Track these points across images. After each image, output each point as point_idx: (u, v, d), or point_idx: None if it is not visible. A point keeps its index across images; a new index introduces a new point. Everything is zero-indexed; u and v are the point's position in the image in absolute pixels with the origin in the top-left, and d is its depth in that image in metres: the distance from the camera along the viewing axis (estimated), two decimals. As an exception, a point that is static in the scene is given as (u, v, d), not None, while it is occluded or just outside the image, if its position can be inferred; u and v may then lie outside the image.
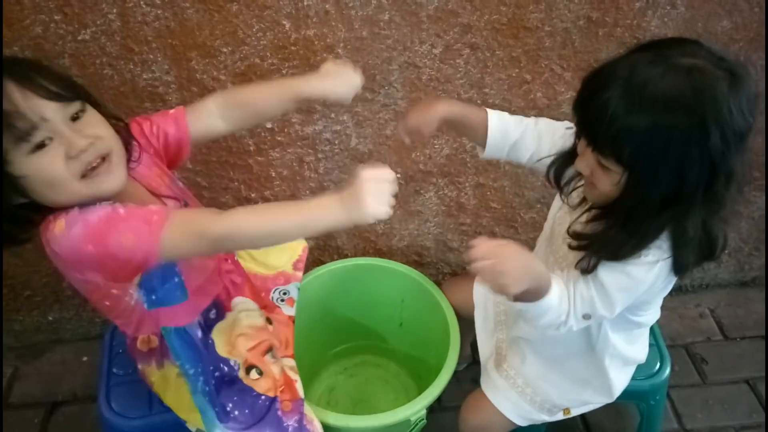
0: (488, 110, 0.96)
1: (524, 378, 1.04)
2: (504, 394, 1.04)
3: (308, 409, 0.96)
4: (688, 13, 1.12)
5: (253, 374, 0.93)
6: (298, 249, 1.13)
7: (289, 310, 1.04)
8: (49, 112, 0.69)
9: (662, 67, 0.69)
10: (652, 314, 0.95)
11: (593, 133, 0.74)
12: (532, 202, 1.40)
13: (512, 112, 1.21)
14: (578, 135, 0.80)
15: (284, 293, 1.07)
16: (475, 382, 1.41)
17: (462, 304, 1.17)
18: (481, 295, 1.13)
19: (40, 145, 0.68)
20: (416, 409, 1.00)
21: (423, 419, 1.03)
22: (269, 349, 0.96)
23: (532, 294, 0.79)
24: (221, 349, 0.93)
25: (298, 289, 1.09)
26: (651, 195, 0.74)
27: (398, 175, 1.31)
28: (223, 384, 0.91)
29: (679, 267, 0.79)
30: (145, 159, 0.83)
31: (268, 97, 0.89)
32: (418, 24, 1.09)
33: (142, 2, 1.01)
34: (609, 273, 0.81)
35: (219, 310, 0.95)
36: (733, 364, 1.47)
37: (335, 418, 0.99)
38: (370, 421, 0.99)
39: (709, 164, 0.70)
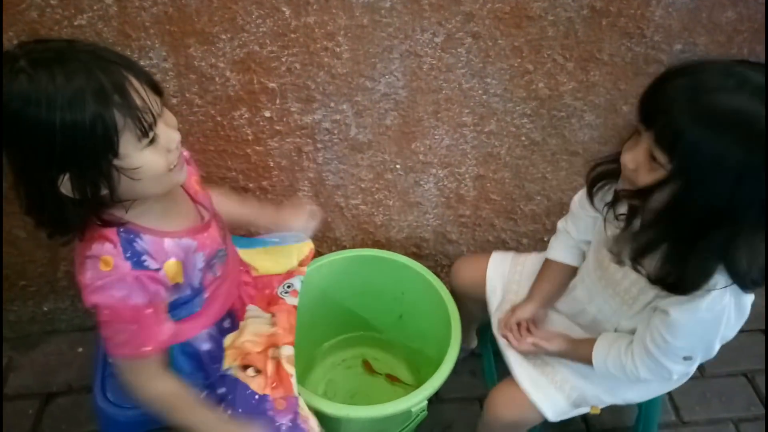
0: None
1: (563, 375, 1.02)
2: (544, 390, 1.01)
3: (303, 407, 0.94)
4: (692, 3, 1.11)
5: (250, 372, 0.94)
6: (305, 249, 1.13)
7: (292, 300, 1.04)
8: (157, 106, 0.71)
9: (737, 80, 0.69)
10: None
11: (655, 118, 0.73)
12: (532, 194, 1.39)
13: (514, 103, 1.22)
14: (637, 127, 0.78)
15: (288, 286, 1.07)
16: (474, 375, 1.42)
17: (472, 284, 1.17)
18: (497, 280, 1.15)
19: (153, 139, 0.71)
20: (417, 399, 0.99)
21: (424, 410, 1.02)
22: (269, 347, 0.97)
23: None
24: (227, 361, 0.93)
25: (302, 281, 1.09)
26: (699, 204, 0.72)
27: (398, 166, 1.30)
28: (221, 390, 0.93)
29: (745, 287, 0.78)
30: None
31: (237, 215, 1.06)
32: (419, 12, 1.07)
33: (139, -13, 0.99)
34: (684, 314, 0.82)
35: (233, 320, 0.97)
36: (732, 357, 1.47)
37: (336, 409, 0.98)
38: (371, 412, 0.98)
39: (762, 183, 0.69)
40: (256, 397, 0.91)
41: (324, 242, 1.42)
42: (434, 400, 1.34)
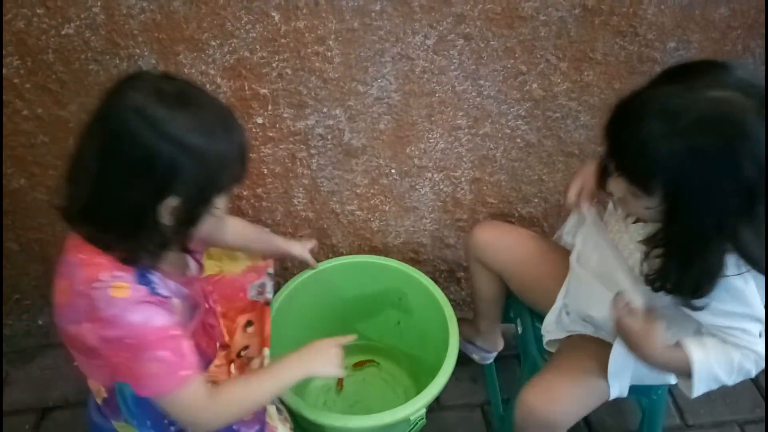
0: None
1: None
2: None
3: (272, 416, 0.91)
4: (685, 0, 1.11)
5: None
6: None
7: (267, 298, 1.04)
8: None
9: (690, 100, 0.71)
10: None
11: (623, 160, 0.77)
12: (529, 196, 1.38)
13: (508, 104, 1.21)
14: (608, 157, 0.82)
15: (261, 286, 1.06)
16: (475, 381, 1.40)
17: (495, 248, 1.15)
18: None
19: None
20: (416, 408, 0.97)
21: (423, 418, 1.00)
22: (233, 361, 0.95)
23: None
24: None
25: (271, 274, 1.08)
26: (696, 225, 0.75)
27: (393, 171, 1.29)
28: None
29: (761, 270, 0.78)
30: None
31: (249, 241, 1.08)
32: (410, 14, 1.06)
33: (127, -5, 0.99)
34: (722, 302, 0.81)
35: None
36: (735, 358, 1.46)
37: (333, 419, 0.97)
38: (369, 421, 0.97)
39: (745, 193, 0.72)
40: None
41: (321, 249, 1.41)
42: (435, 407, 1.33)
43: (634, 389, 1.05)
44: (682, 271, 0.80)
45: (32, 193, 1.21)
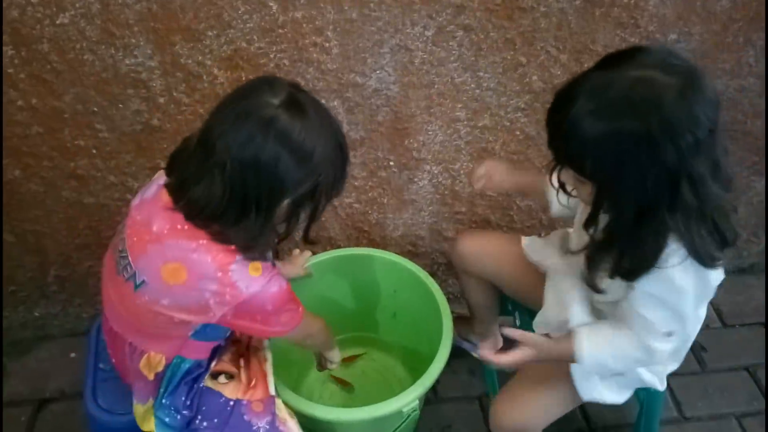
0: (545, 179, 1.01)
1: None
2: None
3: (281, 407, 0.94)
4: (686, -9, 1.10)
5: (222, 378, 0.93)
6: None
7: None
8: None
9: (611, 80, 0.70)
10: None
11: (557, 144, 0.77)
12: (528, 189, 1.37)
13: (507, 96, 1.21)
14: None
15: None
16: (472, 374, 1.40)
17: (474, 254, 1.15)
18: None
19: None
20: (408, 400, 0.97)
21: (416, 410, 1.00)
22: (242, 355, 0.99)
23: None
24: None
25: None
26: (620, 208, 0.76)
27: (391, 163, 1.28)
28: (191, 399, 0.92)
29: (703, 263, 0.77)
30: None
31: None
32: (409, 5, 1.05)
33: (122, -16, 0.97)
34: (651, 284, 0.80)
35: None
36: (733, 352, 1.46)
37: (325, 412, 0.97)
38: (361, 414, 0.97)
39: (666, 173, 0.70)
40: (231, 403, 0.90)
41: (318, 241, 1.40)
42: (433, 399, 1.33)
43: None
44: (617, 254, 0.79)
45: (27, 185, 1.20)
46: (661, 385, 0.99)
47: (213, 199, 0.74)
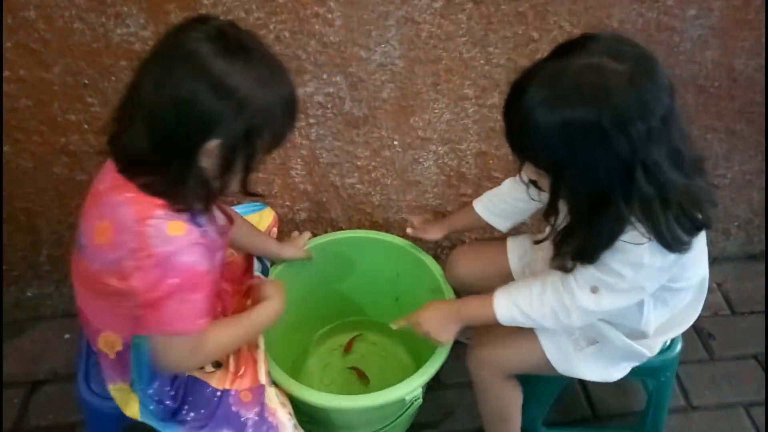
0: (474, 205, 1.09)
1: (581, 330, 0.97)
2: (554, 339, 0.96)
3: (271, 397, 0.90)
4: (708, -38, 1.05)
5: (208, 367, 0.89)
6: (269, 218, 1.14)
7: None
8: None
9: (560, 69, 0.70)
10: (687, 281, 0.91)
11: (513, 137, 0.79)
12: (537, 171, 1.33)
13: (518, 73, 1.16)
14: None
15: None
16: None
17: (470, 275, 1.13)
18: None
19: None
20: (411, 388, 0.95)
21: (419, 398, 0.98)
22: None
23: (484, 322, 0.93)
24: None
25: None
26: (575, 197, 0.76)
27: (396, 143, 1.24)
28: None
29: (667, 246, 0.77)
30: None
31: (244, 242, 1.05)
32: (417, -26, 1.01)
33: (113, -53, 0.92)
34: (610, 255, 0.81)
35: None
36: (741, 339, 1.44)
37: (325, 399, 0.94)
38: (362, 402, 0.94)
39: (619, 162, 0.70)
40: (218, 393, 0.87)
41: (319, 224, 1.37)
42: (435, 385, 1.31)
43: (643, 370, 1.02)
44: (577, 241, 0.80)
45: (16, 161, 1.16)
46: (650, 352, 0.96)
47: (137, 145, 0.70)
